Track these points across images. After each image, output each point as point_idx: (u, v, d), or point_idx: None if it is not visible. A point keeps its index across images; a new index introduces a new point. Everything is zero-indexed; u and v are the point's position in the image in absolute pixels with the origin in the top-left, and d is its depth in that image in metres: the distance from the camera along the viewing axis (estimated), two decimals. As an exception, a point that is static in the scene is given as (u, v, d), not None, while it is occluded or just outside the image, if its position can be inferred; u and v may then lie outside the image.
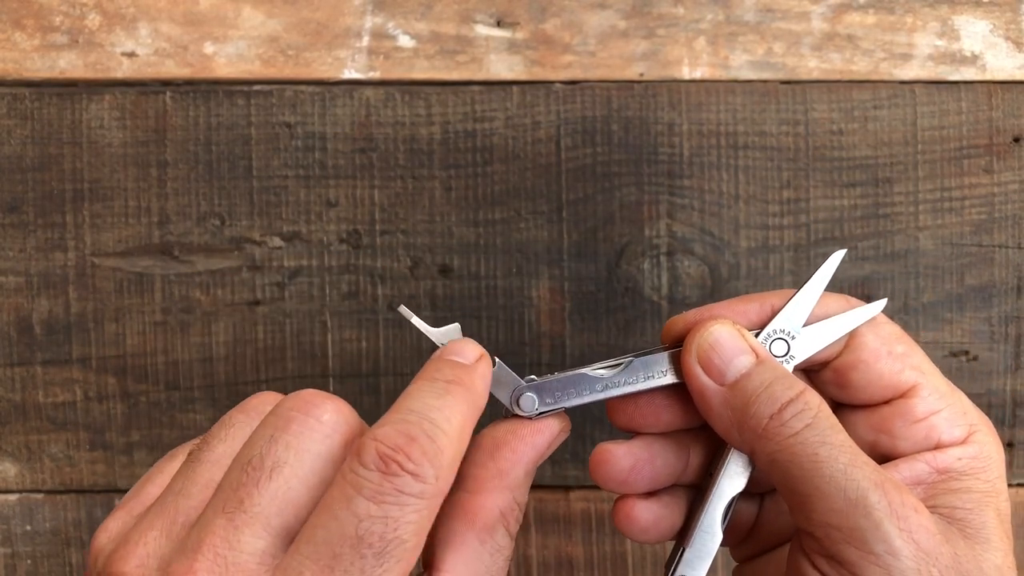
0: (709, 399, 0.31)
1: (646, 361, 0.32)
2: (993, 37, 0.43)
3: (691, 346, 0.31)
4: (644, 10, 0.43)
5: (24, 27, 0.43)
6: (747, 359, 0.31)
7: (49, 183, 0.43)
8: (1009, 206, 0.43)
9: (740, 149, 0.43)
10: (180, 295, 0.43)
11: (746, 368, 0.31)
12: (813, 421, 0.29)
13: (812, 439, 0.29)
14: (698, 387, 0.31)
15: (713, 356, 0.31)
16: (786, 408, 0.29)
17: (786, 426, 0.29)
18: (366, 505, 0.25)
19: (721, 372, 0.31)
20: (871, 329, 0.32)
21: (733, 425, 0.30)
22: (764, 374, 0.30)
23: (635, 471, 0.33)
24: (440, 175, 0.43)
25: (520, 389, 0.31)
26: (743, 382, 0.30)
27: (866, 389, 0.32)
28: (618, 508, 0.34)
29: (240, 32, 0.43)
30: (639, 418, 0.33)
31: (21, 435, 0.44)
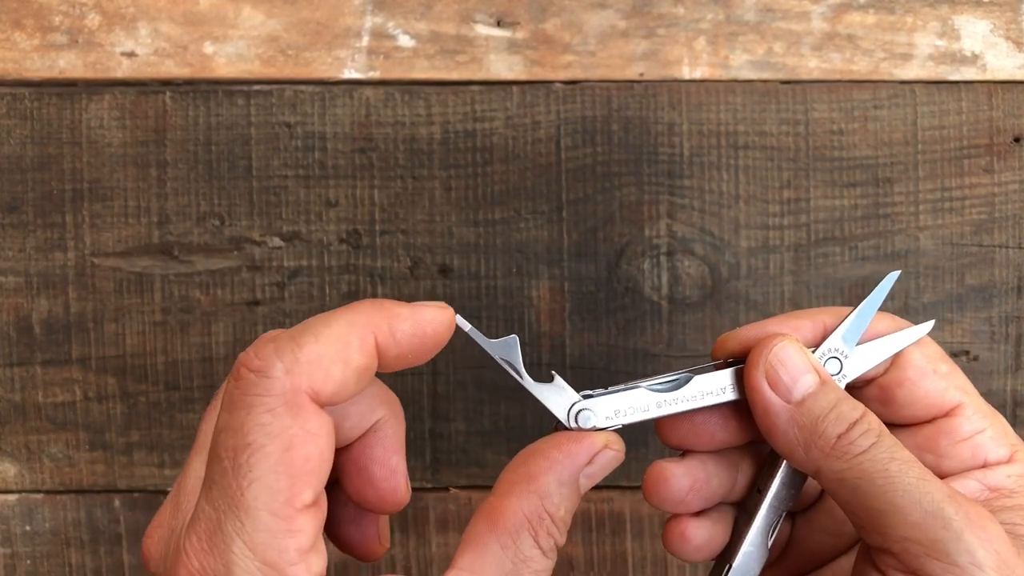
0: (775, 416, 0.30)
1: (706, 378, 0.32)
2: (993, 37, 0.43)
3: (759, 362, 0.31)
4: (644, 10, 0.43)
5: (24, 27, 0.43)
6: (812, 378, 0.31)
7: (49, 183, 0.43)
8: (1009, 206, 0.43)
9: (740, 149, 0.43)
10: (180, 295, 0.43)
11: (812, 388, 0.30)
12: (879, 439, 0.29)
13: (881, 456, 0.29)
14: (764, 404, 0.31)
15: (781, 373, 0.31)
16: (853, 427, 0.29)
17: (855, 444, 0.29)
18: (222, 417, 0.25)
19: (788, 390, 0.31)
20: (916, 348, 0.32)
21: (799, 444, 0.30)
22: (829, 394, 0.30)
23: (693, 491, 0.33)
24: (440, 175, 0.43)
25: (578, 405, 0.31)
26: (810, 401, 0.30)
27: (911, 407, 0.32)
28: (671, 528, 0.34)
29: (240, 32, 0.43)
30: (693, 437, 0.33)
31: (21, 435, 0.44)
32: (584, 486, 0.30)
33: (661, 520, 0.44)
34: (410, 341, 0.28)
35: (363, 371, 0.27)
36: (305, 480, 0.26)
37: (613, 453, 0.30)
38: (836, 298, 0.43)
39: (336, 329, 0.27)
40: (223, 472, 0.25)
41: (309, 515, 0.26)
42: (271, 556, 0.25)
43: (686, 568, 0.44)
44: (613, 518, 0.44)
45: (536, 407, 0.31)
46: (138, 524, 0.44)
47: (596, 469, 0.30)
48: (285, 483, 0.25)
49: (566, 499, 0.29)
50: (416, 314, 0.28)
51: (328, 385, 0.26)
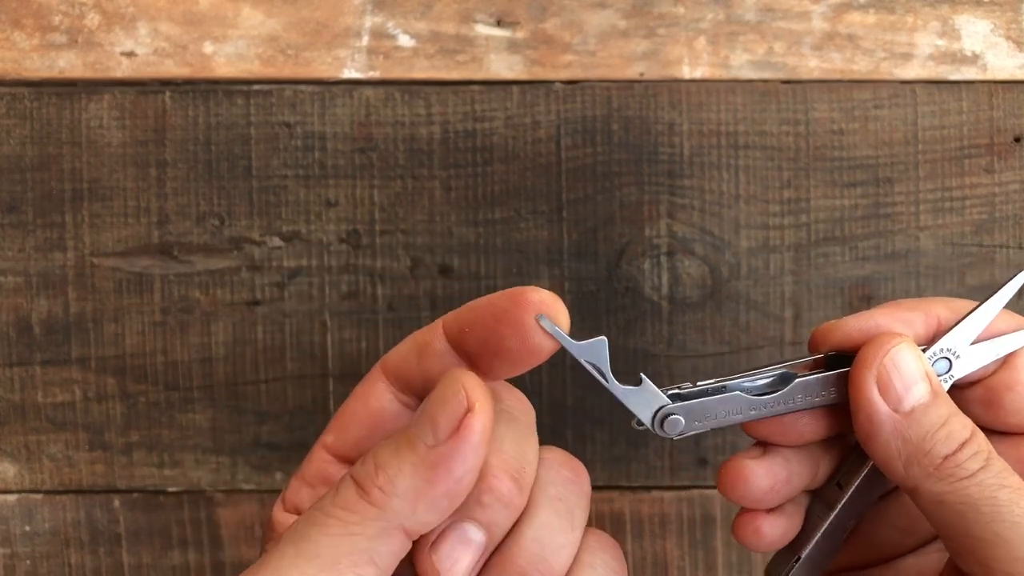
0: (879, 425, 0.28)
1: (809, 381, 0.30)
2: (994, 37, 0.43)
3: (871, 363, 0.29)
4: (644, 9, 0.43)
5: (23, 27, 0.43)
6: (925, 387, 0.28)
7: (48, 183, 0.43)
8: (1010, 206, 0.43)
9: (740, 149, 0.43)
10: (179, 295, 0.43)
11: (924, 399, 0.28)
12: (987, 463, 0.28)
13: (990, 482, 0.27)
14: (869, 410, 0.29)
15: (895, 379, 0.28)
16: (963, 448, 0.28)
17: (961, 467, 0.27)
18: None
19: (899, 398, 0.28)
20: None
21: (899, 457, 0.28)
22: (941, 408, 0.28)
23: (774, 491, 0.31)
24: (440, 175, 0.43)
25: (665, 410, 0.29)
26: (920, 413, 0.28)
27: (1019, 414, 0.30)
28: (744, 523, 0.32)
29: (239, 32, 0.43)
30: (781, 435, 0.31)
31: (20, 435, 0.44)
32: (415, 420, 0.27)
33: (662, 521, 0.44)
34: (469, 315, 0.28)
35: (423, 345, 0.29)
36: (334, 425, 0.31)
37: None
38: (836, 298, 0.43)
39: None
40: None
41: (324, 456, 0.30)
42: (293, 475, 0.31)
43: (686, 568, 0.44)
44: (613, 518, 0.44)
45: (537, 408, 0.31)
46: (138, 524, 0.44)
47: (426, 402, 0.28)
48: (330, 422, 0.31)
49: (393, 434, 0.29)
50: (487, 296, 0.28)
51: (394, 355, 0.30)
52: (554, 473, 0.28)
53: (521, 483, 0.27)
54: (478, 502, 0.27)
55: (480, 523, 0.27)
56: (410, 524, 0.26)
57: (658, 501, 0.44)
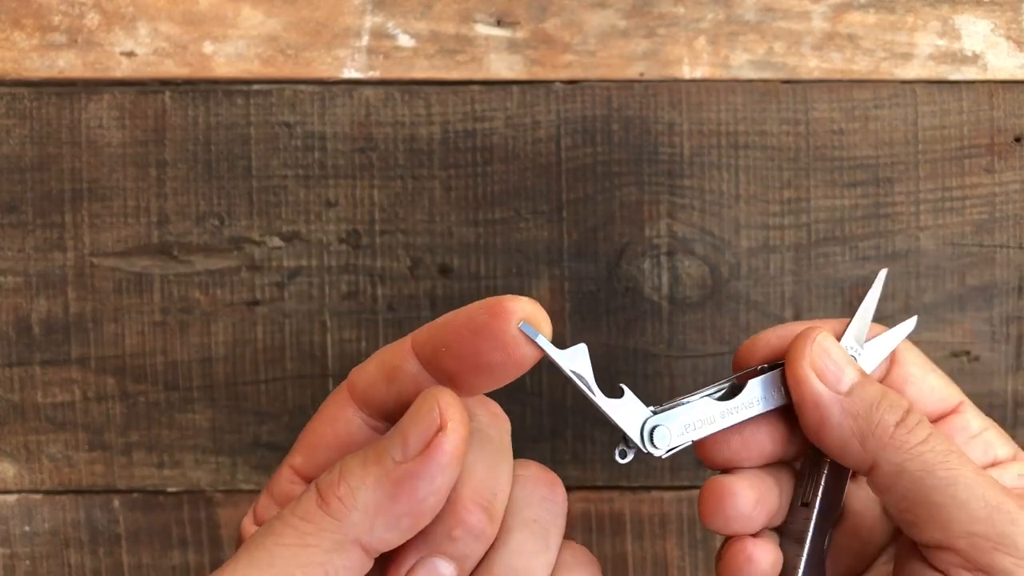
0: (826, 408, 0.29)
1: (758, 382, 0.31)
2: (994, 37, 0.43)
3: (803, 353, 0.30)
4: (644, 9, 0.43)
5: (23, 26, 0.43)
6: (854, 368, 0.30)
7: (48, 183, 0.43)
8: (1010, 206, 0.43)
9: (741, 149, 0.43)
10: (179, 295, 0.43)
11: (857, 378, 0.30)
12: (932, 431, 0.28)
13: (939, 447, 0.28)
14: (814, 396, 0.30)
15: (828, 362, 0.30)
16: (908, 415, 0.29)
17: (913, 433, 0.28)
18: None
19: (837, 379, 0.30)
20: (909, 348, 0.32)
21: (854, 435, 0.29)
22: (875, 384, 0.30)
23: (760, 504, 0.31)
24: (440, 175, 0.43)
25: (651, 422, 0.30)
26: (859, 390, 0.29)
27: (922, 403, 0.31)
28: (735, 552, 0.31)
29: (239, 31, 0.43)
30: (745, 451, 0.31)
31: (20, 435, 0.44)
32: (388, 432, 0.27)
33: (662, 521, 0.44)
34: (443, 332, 0.27)
35: (392, 369, 0.28)
36: (302, 446, 0.30)
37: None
38: (836, 298, 0.43)
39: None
40: None
41: (291, 475, 0.29)
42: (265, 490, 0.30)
43: (686, 569, 0.44)
44: (613, 518, 0.44)
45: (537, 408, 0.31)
46: (137, 524, 0.44)
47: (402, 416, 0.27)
48: (298, 440, 0.30)
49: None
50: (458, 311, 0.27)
51: (362, 378, 0.29)
52: (529, 493, 0.28)
53: (492, 512, 0.26)
54: (448, 536, 0.26)
55: (451, 557, 0.26)
56: (367, 540, 0.25)
57: (658, 501, 0.44)
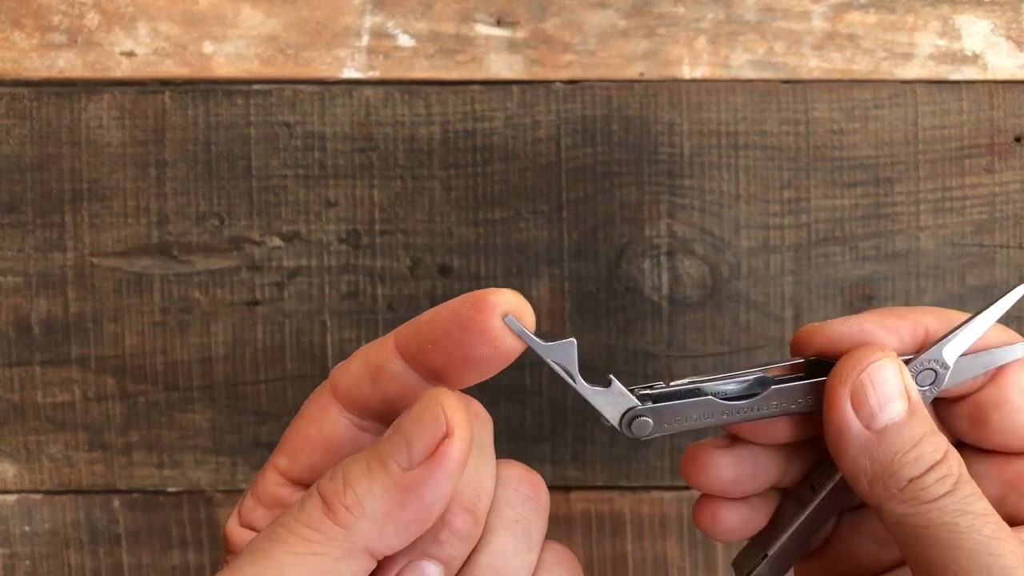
0: (848, 440, 0.28)
1: (784, 390, 0.29)
2: (994, 36, 0.43)
3: (847, 378, 0.28)
4: (644, 9, 0.43)
5: (23, 26, 0.43)
6: (901, 405, 0.27)
7: (48, 183, 0.43)
8: (1010, 206, 0.43)
9: (741, 149, 0.43)
10: (179, 295, 0.43)
11: (898, 417, 0.27)
12: (955, 487, 0.27)
13: (953, 507, 0.26)
14: (840, 424, 0.28)
15: (870, 395, 0.27)
16: (931, 471, 0.27)
17: (926, 491, 0.27)
18: None
19: (872, 415, 0.27)
20: (1023, 368, 0.29)
21: (865, 475, 0.27)
22: (915, 428, 0.27)
23: (736, 483, 0.30)
24: (440, 175, 0.43)
25: (635, 411, 0.29)
26: (892, 432, 0.27)
27: (1005, 434, 0.29)
28: (702, 507, 0.31)
29: (239, 31, 0.43)
30: (750, 434, 0.30)
31: (20, 435, 0.44)
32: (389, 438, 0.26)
33: (662, 521, 0.44)
34: (429, 329, 0.27)
35: (376, 368, 0.28)
36: (285, 447, 0.29)
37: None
38: (837, 298, 0.43)
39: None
40: None
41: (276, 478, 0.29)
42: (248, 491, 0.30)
43: (686, 569, 0.44)
44: (613, 518, 0.44)
45: (537, 408, 0.31)
46: (137, 524, 0.44)
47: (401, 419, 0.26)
48: (282, 441, 0.29)
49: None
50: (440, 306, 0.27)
51: (345, 378, 0.28)
52: (511, 493, 0.28)
53: (477, 514, 0.26)
54: (435, 540, 0.26)
55: (438, 560, 0.26)
56: (376, 546, 0.25)
57: (658, 501, 0.44)
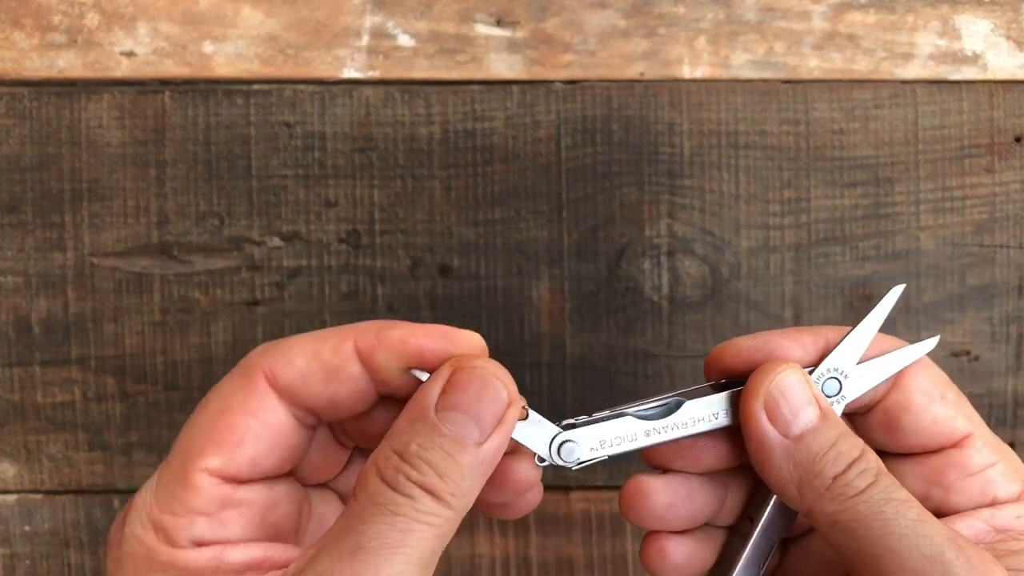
0: (770, 450, 0.29)
1: (698, 403, 0.30)
2: (994, 36, 0.43)
3: (758, 391, 0.29)
4: (644, 9, 0.43)
5: (23, 26, 0.43)
6: (813, 412, 0.29)
7: (48, 183, 0.43)
8: (1010, 206, 0.43)
9: (741, 148, 0.43)
10: (179, 295, 0.43)
11: (812, 422, 0.29)
12: (876, 478, 0.28)
13: (877, 497, 0.27)
14: (759, 436, 0.29)
15: (782, 405, 0.29)
16: (851, 467, 0.28)
17: (850, 486, 0.28)
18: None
19: (788, 423, 0.29)
20: (921, 370, 0.30)
21: (792, 481, 0.29)
22: (830, 430, 0.29)
23: (673, 509, 0.31)
24: (440, 175, 0.43)
25: (560, 437, 0.29)
26: (809, 437, 0.28)
27: (918, 435, 0.30)
28: (649, 544, 0.32)
29: (239, 31, 0.43)
30: (678, 460, 0.31)
31: (20, 435, 0.44)
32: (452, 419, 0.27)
33: (661, 520, 0.44)
34: (400, 347, 0.28)
35: (332, 369, 0.28)
36: (217, 446, 0.27)
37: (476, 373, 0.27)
38: (837, 298, 0.43)
39: (322, 332, 0.29)
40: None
41: (212, 480, 0.27)
42: (161, 504, 0.27)
43: None
44: (613, 519, 0.44)
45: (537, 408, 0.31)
46: (137, 524, 0.44)
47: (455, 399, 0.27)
48: (198, 441, 0.27)
49: (417, 434, 0.27)
50: (412, 328, 0.28)
51: (288, 371, 0.28)
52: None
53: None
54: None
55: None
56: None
57: (658, 501, 0.44)
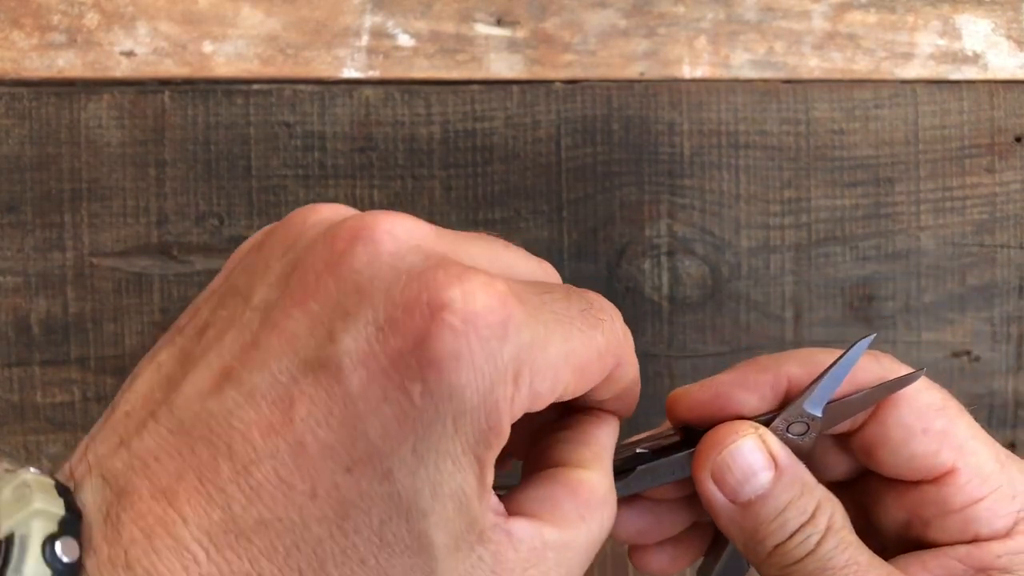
0: (717, 513, 0.29)
1: (654, 468, 0.30)
2: (995, 36, 0.43)
3: (705, 464, 0.29)
4: (645, 9, 0.43)
5: (22, 26, 0.43)
6: (765, 477, 0.28)
7: (47, 183, 0.43)
8: (1011, 206, 0.43)
9: (741, 148, 0.43)
10: (179, 295, 0.43)
11: (763, 487, 0.28)
12: (817, 545, 0.27)
13: (811, 566, 0.27)
14: (707, 500, 0.29)
15: (728, 476, 0.28)
16: (793, 536, 0.28)
17: (788, 555, 0.28)
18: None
19: (735, 492, 0.28)
20: (906, 400, 0.29)
21: (737, 540, 0.29)
22: (781, 496, 0.28)
23: (643, 534, 0.31)
24: (440, 175, 0.43)
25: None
26: (757, 505, 0.28)
27: (895, 468, 0.29)
28: (632, 552, 0.32)
29: (239, 31, 0.43)
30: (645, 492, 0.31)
31: (19, 436, 0.44)
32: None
33: (661, 521, 0.44)
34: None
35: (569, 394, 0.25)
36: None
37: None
38: (837, 298, 0.43)
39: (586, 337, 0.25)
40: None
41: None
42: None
43: (686, 570, 0.44)
44: (613, 519, 0.44)
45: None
46: (137, 525, 0.44)
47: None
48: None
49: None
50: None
51: (536, 404, 0.23)
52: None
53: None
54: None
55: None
56: None
57: (658, 501, 0.44)
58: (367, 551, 0.21)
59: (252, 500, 0.21)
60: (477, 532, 0.22)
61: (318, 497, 0.21)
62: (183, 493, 0.21)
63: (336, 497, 0.21)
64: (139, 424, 0.22)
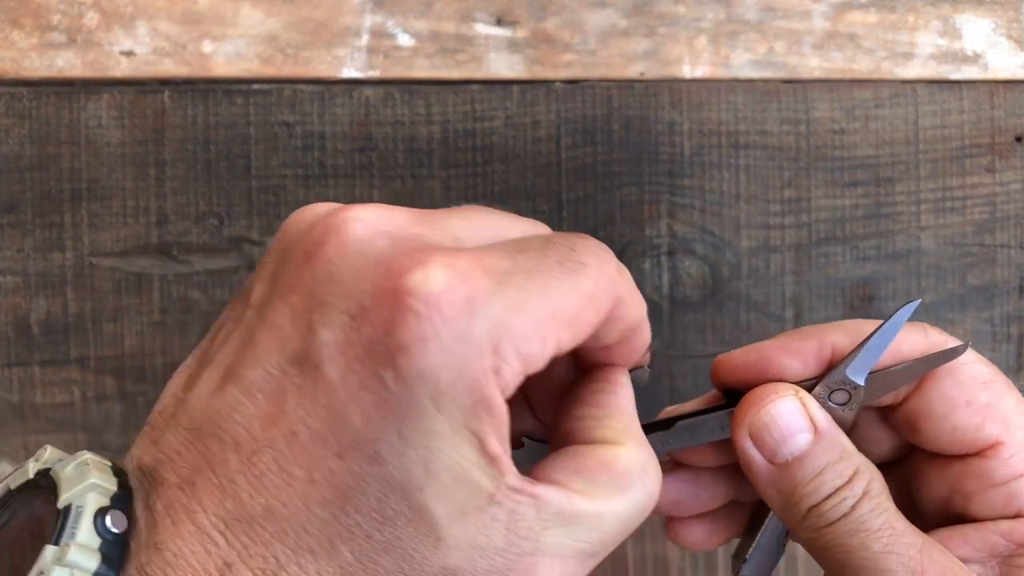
0: (756, 474, 0.29)
1: (693, 425, 0.30)
2: (995, 36, 0.43)
3: (744, 422, 0.29)
4: (645, 9, 0.43)
5: (22, 26, 0.43)
6: (804, 438, 0.28)
7: (47, 183, 0.43)
8: (1011, 206, 0.43)
9: (741, 148, 0.43)
10: (178, 295, 0.43)
11: (801, 449, 0.28)
12: (853, 508, 0.27)
13: (845, 528, 0.27)
14: (745, 461, 0.29)
15: (766, 436, 0.28)
16: (829, 498, 0.28)
17: (822, 516, 0.28)
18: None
19: (773, 452, 0.28)
20: (951, 373, 0.29)
21: (774, 503, 0.29)
22: (818, 459, 0.28)
23: (679, 505, 0.31)
24: (440, 175, 0.43)
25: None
26: (794, 466, 0.28)
27: (938, 441, 0.29)
28: (668, 524, 0.32)
29: (239, 31, 0.43)
30: (684, 458, 0.31)
31: (19, 436, 0.44)
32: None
33: (662, 521, 0.44)
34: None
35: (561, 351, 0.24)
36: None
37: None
38: (837, 298, 0.43)
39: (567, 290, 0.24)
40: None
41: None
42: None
43: (687, 569, 0.44)
44: (613, 519, 0.44)
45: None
46: (137, 525, 0.44)
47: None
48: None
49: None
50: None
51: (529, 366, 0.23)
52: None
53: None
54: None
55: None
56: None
57: (658, 501, 0.44)
58: (371, 527, 0.22)
59: (258, 488, 0.22)
60: (486, 496, 0.22)
61: (316, 482, 0.22)
62: (200, 484, 0.22)
63: (332, 481, 0.22)
64: (166, 422, 0.25)
